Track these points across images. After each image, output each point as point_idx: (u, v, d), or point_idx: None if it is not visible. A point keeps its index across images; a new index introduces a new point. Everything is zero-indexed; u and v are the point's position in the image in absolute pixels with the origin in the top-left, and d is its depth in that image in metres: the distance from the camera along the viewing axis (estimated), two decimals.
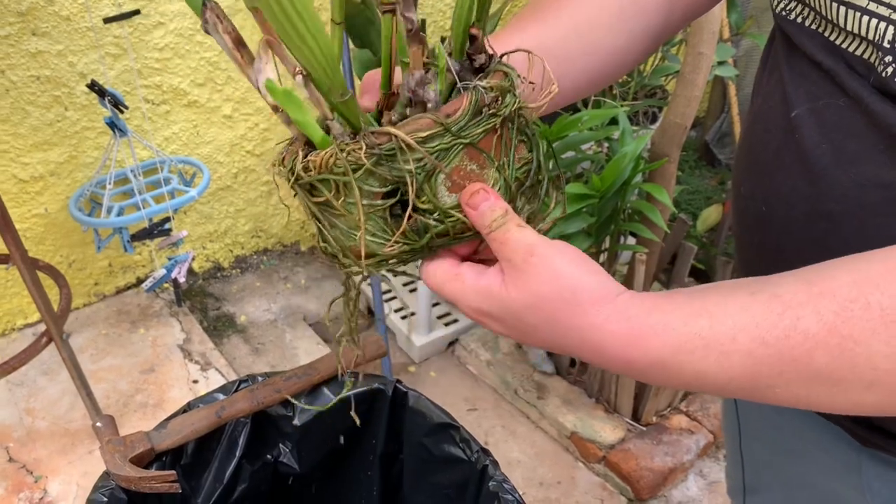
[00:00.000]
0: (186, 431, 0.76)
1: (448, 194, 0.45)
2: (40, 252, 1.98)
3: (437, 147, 0.43)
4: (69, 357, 1.56)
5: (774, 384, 0.39)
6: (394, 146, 0.43)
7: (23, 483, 1.62)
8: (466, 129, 0.44)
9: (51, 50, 1.76)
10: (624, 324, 0.42)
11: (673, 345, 0.41)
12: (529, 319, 0.43)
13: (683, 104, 1.41)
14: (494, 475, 0.73)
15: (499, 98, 0.45)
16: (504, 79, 0.46)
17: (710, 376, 0.40)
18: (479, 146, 0.45)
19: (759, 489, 0.77)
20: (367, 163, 0.43)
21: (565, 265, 0.43)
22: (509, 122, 0.46)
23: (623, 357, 0.42)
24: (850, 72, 0.47)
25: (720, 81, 2.52)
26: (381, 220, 0.46)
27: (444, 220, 0.46)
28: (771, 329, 0.38)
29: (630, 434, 1.74)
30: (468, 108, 0.44)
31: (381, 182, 0.44)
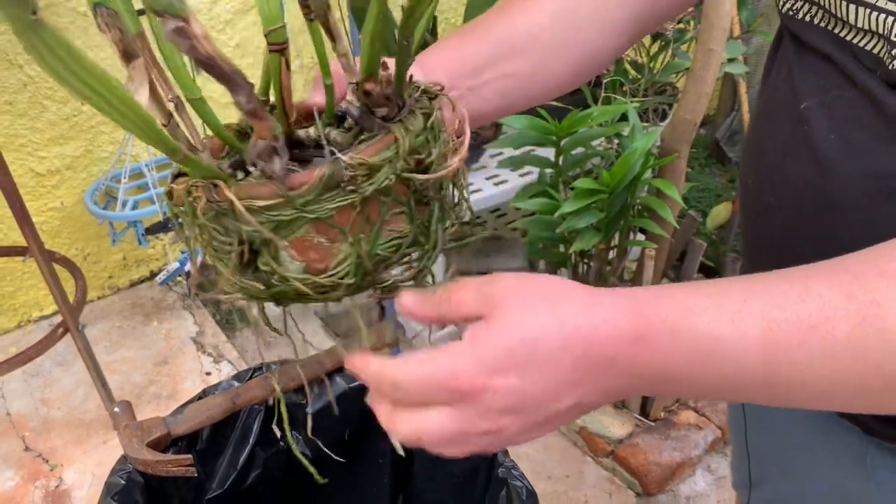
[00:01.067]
0: (202, 417, 0.78)
1: (290, 261, 0.41)
2: (56, 245, 2.00)
3: (275, 217, 0.39)
4: (85, 348, 1.58)
5: (796, 358, 0.35)
6: (227, 208, 0.40)
7: (39, 471, 1.64)
8: (314, 204, 0.39)
9: None
10: (624, 298, 0.39)
11: (683, 307, 0.37)
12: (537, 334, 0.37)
13: (693, 101, 1.42)
14: (503, 462, 0.74)
15: (363, 176, 0.40)
16: (388, 147, 0.41)
17: (726, 342, 0.36)
18: (329, 221, 0.40)
19: (765, 482, 0.77)
20: (201, 217, 0.41)
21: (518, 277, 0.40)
22: (380, 197, 0.41)
23: (631, 328, 0.37)
24: (858, 65, 0.48)
25: (731, 79, 2.52)
26: (234, 259, 0.42)
27: (284, 284, 0.42)
28: (783, 293, 0.36)
29: (638, 429, 1.75)
30: (318, 183, 0.39)
31: (226, 232, 0.41)
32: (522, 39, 0.59)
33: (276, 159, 0.39)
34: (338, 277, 0.42)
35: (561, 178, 1.58)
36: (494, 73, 0.58)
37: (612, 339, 0.37)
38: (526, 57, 0.59)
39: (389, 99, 0.43)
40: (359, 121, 0.43)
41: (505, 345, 0.37)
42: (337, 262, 0.42)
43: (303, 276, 0.42)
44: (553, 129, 1.46)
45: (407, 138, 0.42)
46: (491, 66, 0.58)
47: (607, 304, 0.38)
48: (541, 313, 0.37)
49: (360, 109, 0.44)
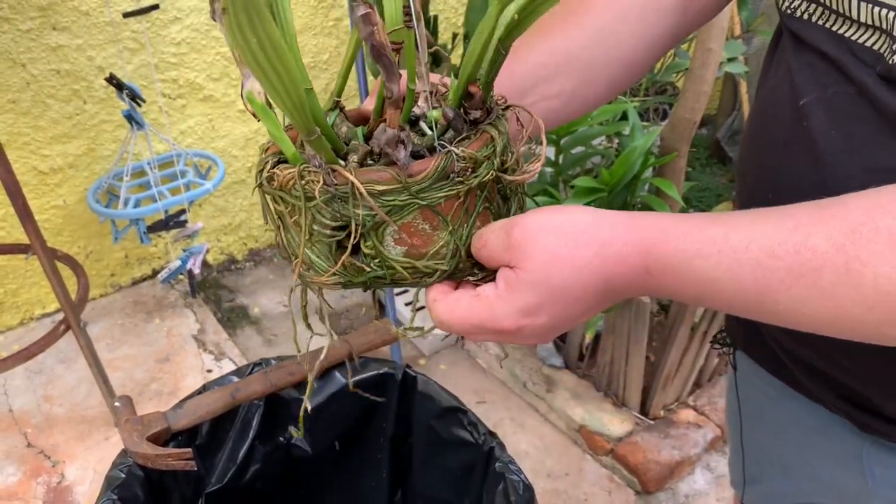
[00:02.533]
0: (202, 412, 0.78)
1: (393, 245, 0.45)
2: (58, 243, 2.01)
3: (391, 202, 0.43)
4: (87, 345, 1.59)
5: (780, 300, 0.40)
6: (348, 190, 0.43)
7: (41, 468, 1.65)
8: (427, 192, 0.44)
9: (70, 44, 1.79)
10: (639, 231, 0.42)
11: (689, 249, 0.41)
12: (558, 279, 0.43)
13: (692, 100, 1.42)
14: (501, 457, 0.75)
15: (471, 168, 0.44)
16: (487, 145, 0.45)
17: (721, 283, 0.41)
18: (436, 209, 0.45)
19: (761, 478, 0.77)
20: (318, 199, 0.43)
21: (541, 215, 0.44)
22: (477, 191, 0.46)
23: (643, 266, 0.42)
24: (856, 61, 0.49)
25: (731, 79, 2.52)
26: (326, 246, 0.46)
27: (384, 268, 0.46)
28: (782, 243, 0.39)
29: (638, 427, 1.75)
30: (434, 172, 0.43)
31: (332, 217, 0.44)
32: (564, 59, 0.61)
33: (402, 148, 0.43)
34: (435, 262, 0.46)
35: (561, 176, 1.58)
36: (538, 94, 0.60)
37: (624, 275, 0.43)
38: (568, 76, 0.61)
39: (484, 103, 0.47)
40: (452, 122, 0.47)
41: (534, 293, 0.43)
42: (436, 248, 0.46)
43: (404, 259, 0.46)
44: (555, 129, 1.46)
45: (500, 139, 0.46)
46: (534, 88, 0.59)
47: (620, 244, 0.43)
48: (562, 262, 0.42)
49: (454, 111, 0.47)
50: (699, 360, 1.75)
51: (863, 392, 0.57)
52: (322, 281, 0.47)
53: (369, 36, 0.39)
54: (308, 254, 0.47)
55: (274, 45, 0.37)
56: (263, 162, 0.47)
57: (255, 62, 0.37)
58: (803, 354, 0.60)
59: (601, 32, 0.61)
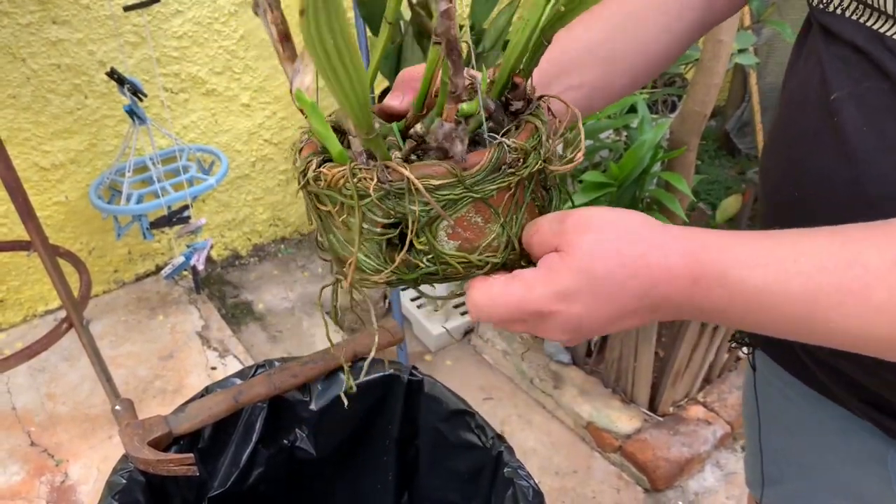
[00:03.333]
0: (204, 416, 0.77)
1: (447, 240, 0.45)
2: (61, 239, 2.00)
3: (446, 196, 0.43)
4: (89, 343, 1.57)
5: (831, 317, 0.39)
6: (403, 186, 0.43)
7: (44, 467, 1.64)
8: (480, 184, 0.44)
9: (71, 38, 1.77)
10: (685, 240, 0.42)
11: (737, 259, 0.40)
12: (602, 271, 0.42)
13: (703, 92, 1.40)
14: (509, 461, 0.73)
15: (521, 159, 0.45)
16: (532, 135, 0.45)
17: (769, 295, 0.40)
18: (488, 202, 0.45)
19: (779, 480, 0.76)
20: (373, 196, 0.43)
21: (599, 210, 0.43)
22: (526, 182, 0.46)
23: (689, 272, 0.41)
24: (892, 57, 0.47)
25: (741, 70, 2.49)
26: (376, 245, 0.46)
27: (437, 263, 0.45)
28: (831, 257, 0.38)
29: (647, 424, 1.73)
30: (488, 164, 0.43)
31: (385, 214, 0.44)
32: (585, 51, 0.60)
33: (458, 142, 0.43)
34: (487, 255, 0.46)
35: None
36: (561, 86, 0.59)
37: (669, 282, 0.42)
38: (589, 68, 0.60)
39: (526, 94, 0.47)
40: (494, 114, 0.46)
41: (575, 278, 0.42)
42: (488, 241, 0.46)
43: (457, 253, 0.46)
44: None
45: (543, 129, 0.46)
46: (556, 80, 0.58)
47: (668, 250, 0.42)
48: (608, 254, 0.42)
49: (496, 102, 0.47)
50: (709, 355, 1.73)
51: (890, 398, 0.55)
52: (376, 279, 0.47)
53: (446, 31, 0.40)
54: (363, 252, 0.46)
55: (349, 45, 0.37)
56: (306, 161, 0.46)
57: (328, 62, 0.37)
58: (827, 357, 0.59)
59: (623, 23, 0.60)
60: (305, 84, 0.44)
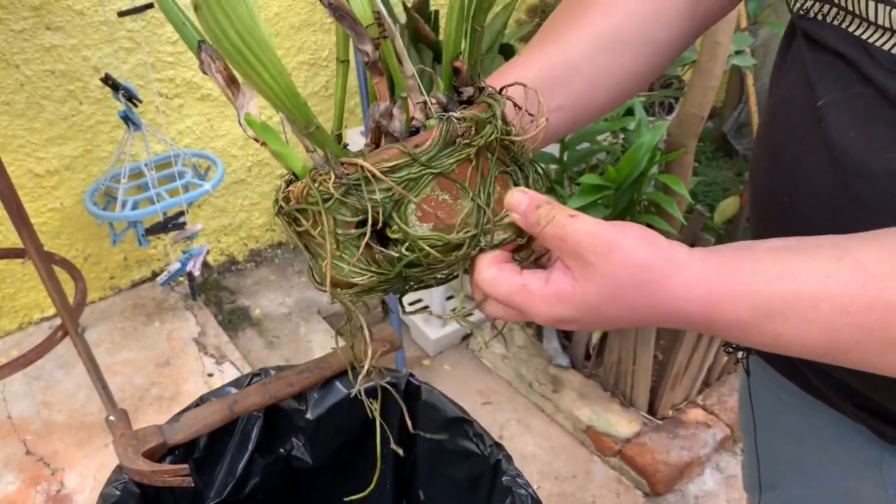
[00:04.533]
0: (199, 425, 0.76)
1: (419, 224, 0.45)
2: (56, 246, 1.99)
3: (404, 177, 0.43)
4: (84, 350, 1.56)
5: (848, 350, 0.40)
6: (359, 176, 0.43)
7: (40, 475, 1.63)
8: (437, 160, 0.44)
9: (65, 44, 1.76)
10: (704, 288, 0.41)
11: (754, 306, 0.41)
12: (608, 311, 0.43)
13: (700, 94, 1.39)
14: (508, 469, 0.72)
15: (473, 128, 0.45)
16: (485, 110, 0.46)
17: (786, 338, 0.41)
18: (451, 176, 0.45)
19: (776, 485, 0.76)
20: (335, 193, 0.43)
21: (634, 246, 0.42)
22: (487, 153, 0.46)
23: (705, 319, 0.42)
24: (874, 64, 0.47)
25: (738, 71, 2.49)
26: (355, 248, 0.45)
27: (415, 250, 0.45)
28: (854, 299, 0.39)
29: (646, 428, 1.72)
30: (438, 138, 0.44)
31: (353, 212, 0.44)
32: (563, 72, 0.59)
33: (395, 120, 0.44)
34: (464, 232, 0.46)
35: (566, 173, 1.56)
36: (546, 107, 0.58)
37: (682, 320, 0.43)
38: (568, 90, 0.59)
39: (473, 80, 0.48)
40: (447, 106, 0.47)
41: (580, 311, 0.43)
42: (462, 217, 0.46)
43: (433, 235, 0.45)
44: None
45: (498, 105, 0.46)
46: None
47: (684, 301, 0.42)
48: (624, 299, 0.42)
49: (446, 95, 0.47)
50: (708, 358, 1.72)
51: (885, 404, 0.55)
52: (358, 281, 0.47)
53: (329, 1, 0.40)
54: (338, 264, 0.46)
55: (251, 31, 0.37)
56: (277, 189, 0.48)
57: (238, 54, 0.37)
58: (820, 362, 0.58)
59: (600, 42, 0.59)
60: (252, 111, 0.45)
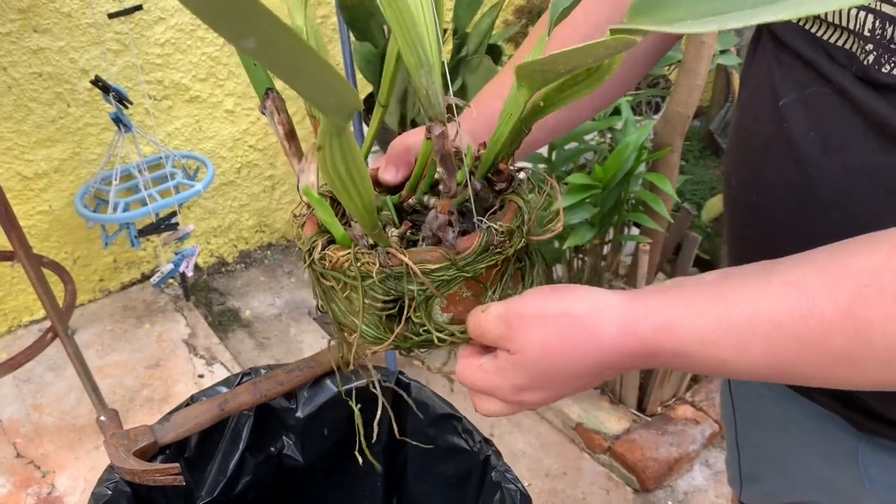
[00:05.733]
0: (190, 425, 0.76)
1: (440, 314, 0.49)
2: (45, 249, 1.98)
3: (440, 277, 0.47)
4: (74, 353, 1.56)
5: (796, 367, 0.40)
6: (402, 270, 0.47)
7: (30, 478, 1.62)
8: (471, 265, 0.48)
9: (52, 46, 1.76)
10: (636, 327, 0.42)
11: (692, 337, 0.41)
12: (550, 367, 0.44)
13: (686, 93, 1.41)
14: (497, 465, 0.73)
15: (507, 240, 0.49)
16: (516, 216, 0.50)
17: (731, 363, 0.41)
18: (479, 278, 0.49)
19: (757, 478, 0.77)
20: (375, 278, 0.47)
21: (543, 305, 0.45)
22: (511, 257, 0.50)
23: (643, 354, 0.43)
24: (831, 62, 0.48)
25: (724, 70, 2.51)
26: (376, 317, 0.50)
27: (431, 333, 0.50)
28: (788, 313, 0.39)
29: (635, 425, 1.74)
30: (478, 247, 0.47)
31: (385, 293, 0.48)
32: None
33: (450, 230, 0.48)
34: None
35: (554, 173, 1.57)
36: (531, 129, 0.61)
37: (627, 362, 0.44)
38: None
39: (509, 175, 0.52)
40: (480, 193, 0.51)
41: (526, 376, 0.45)
42: None
43: (450, 326, 0.50)
44: None
45: (526, 207, 0.50)
46: None
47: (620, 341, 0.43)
48: (555, 353, 0.44)
49: (482, 183, 0.51)
50: None
51: (859, 394, 0.56)
52: (376, 348, 0.51)
53: (441, 149, 0.45)
54: (364, 322, 0.51)
55: (359, 170, 0.43)
56: (311, 242, 0.51)
57: (341, 184, 0.43)
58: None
59: None
60: (311, 181, 0.50)
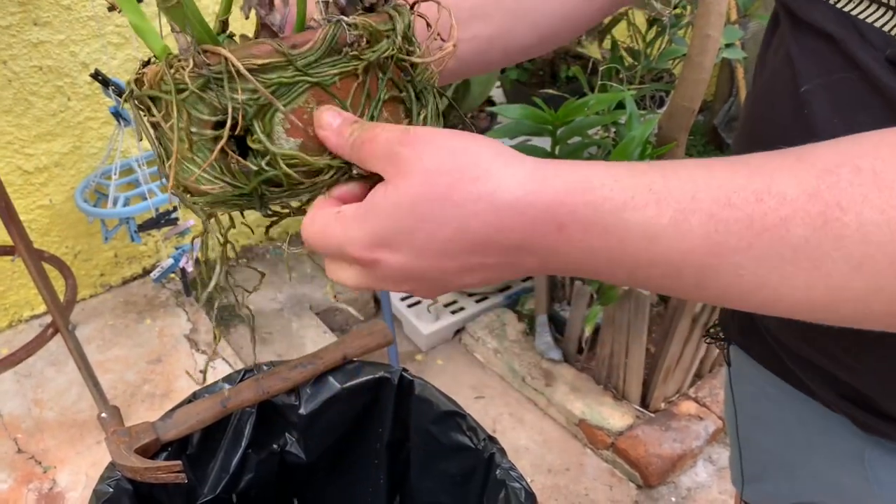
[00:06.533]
0: (192, 422, 0.76)
1: (286, 137, 0.39)
2: (46, 243, 1.98)
3: (275, 80, 0.37)
4: (75, 348, 1.56)
5: (742, 262, 0.32)
6: (222, 69, 0.37)
7: (32, 474, 1.62)
8: (317, 67, 0.38)
9: (52, 40, 1.75)
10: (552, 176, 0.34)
11: (617, 198, 0.33)
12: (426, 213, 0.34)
13: (691, 87, 1.39)
14: (501, 463, 0.72)
15: (366, 39, 0.39)
16: (385, 21, 0.40)
17: (662, 241, 0.32)
18: (330, 90, 0.39)
19: (760, 477, 0.75)
20: (191, 85, 0.37)
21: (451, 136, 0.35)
22: (379, 71, 0.40)
23: (544, 223, 0.33)
24: (863, 44, 0.45)
25: (728, 64, 2.49)
26: (209, 152, 0.39)
27: (276, 167, 0.39)
28: (739, 190, 0.31)
29: (638, 421, 1.73)
30: (321, 42, 0.37)
31: (211, 110, 0.38)
32: (482, 2, 0.56)
33: (275, 12, 0.38)
34: (330, 157, 0.39)
35: None
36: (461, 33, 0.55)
37: (523, 230, 0.34)
38: (485, 22, 0.56)
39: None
40: (345, 9, 0.41)
41: (393, 218, 0.35)
42: None
43: (297, 154, 0.39)
44: (549, 118, 1.44)
45: (401, 19, 0.41)
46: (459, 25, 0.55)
47: (519, 188, 0.34)
48: (438, 192, 0.34)
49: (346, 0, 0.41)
50: (700, 351, 1.73)
51: (866, 392, 0.54)
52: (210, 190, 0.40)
53: None
54: (189, 167, 0.40)
55: None
56: (136, 73, 0.41)
57: None
58: (802, 350, 0.58)
59: None
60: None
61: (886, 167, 0.30)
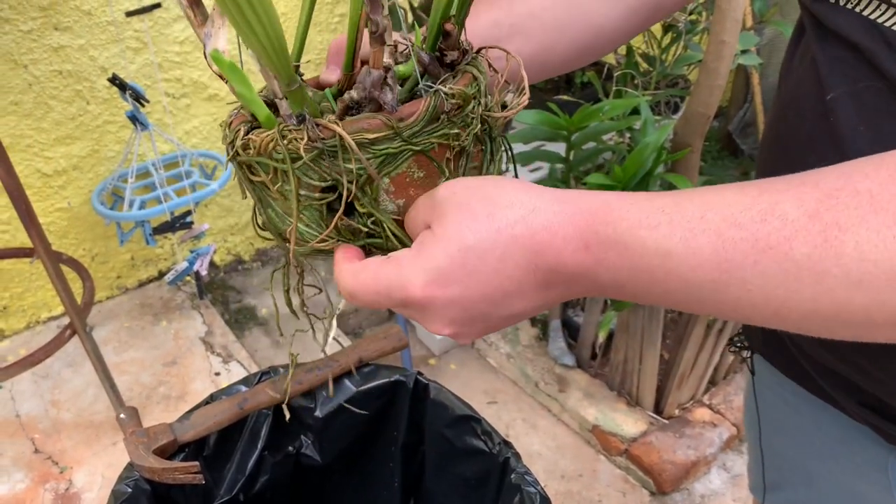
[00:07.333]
0: (209, 423, 0.76)
1: (390, 199, 0.42)
2: (63, 246, 2.00)
3: (383, 150, 0.40)
4: (92, 349, 1.57)
5: (748, 278, 0.34)
6: (336, 143, 0.40)
7: (48, 474, 1.64)
8: (419, 136, 0.41)
9: (72, 44, 1.77)
10: (576, 202, 0.37)
11: (633, 218, 0.36)
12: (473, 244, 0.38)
13: (706, 93, 1.39)
14: (516, 468, 0.72)
15: (460, 106, 0.42)
16: (471, 83, 0.43)
17: (675, 258, 0.35)
18: (430, 154, 0.42)
19: (781, 486, 0.75)
20: (305, 157, 0.40)
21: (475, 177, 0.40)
22: (466, 128, 0.43)
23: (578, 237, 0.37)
24: (890, 52, 0.45)
25: (743, 70, 2.48)
26: (316, 212, 0.43)
27: (380, 226, 0.43)
28: (745, 210, 0.34)
29: (652, 427, 1.72)
30: (424, 113, 0.41)
31: (320, 177, 0.41)
32: (522, 19, 0.56)
33: (388, 90, 0.40)
34: None
35: (572, 173, 1.56)
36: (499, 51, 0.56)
37: (557, 250, 0.37)
38: (526, 38, 0.56)
39: (459, 44, 0.44)
40: (428, 67, 0.44)
41: (445, 253, 0.38)
42: None
43: (401, 212, 0.42)
44: (564, 123, 1.44)
45: (482, 77, 0.43)
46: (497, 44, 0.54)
47: (549, 211, 0.38)
48: (479, 221, 0.38)
49: (429, 55, 0.44)
50: (714, 357, 1.72)
51: (890, 402, 0.54)
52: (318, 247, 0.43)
53: None
54: (300, 226, 0.43)
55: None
56: (234, 131, 0.44)
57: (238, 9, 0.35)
58: (825, 359, 0.58)
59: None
60: (220, 46, 0.42)
61: (883, 190, 0.32)
